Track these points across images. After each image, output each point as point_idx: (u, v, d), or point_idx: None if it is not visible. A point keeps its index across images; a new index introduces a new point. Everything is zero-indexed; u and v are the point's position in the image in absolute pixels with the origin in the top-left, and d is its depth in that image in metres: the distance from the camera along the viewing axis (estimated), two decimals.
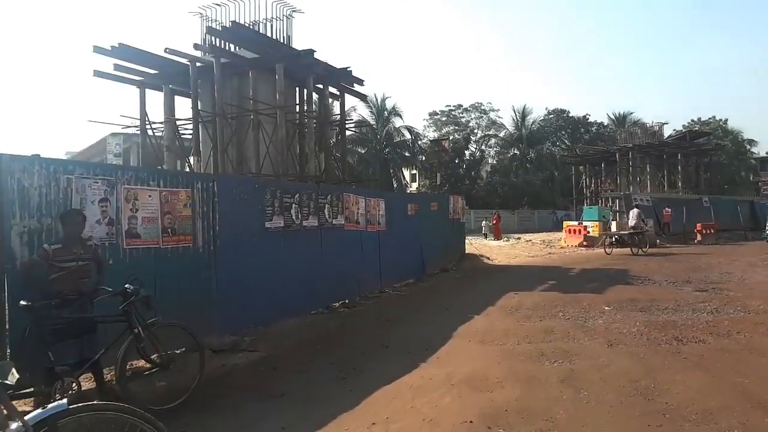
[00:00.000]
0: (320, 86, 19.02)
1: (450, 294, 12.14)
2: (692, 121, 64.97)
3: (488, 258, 19.96)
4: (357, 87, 20.34)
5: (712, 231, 29.64)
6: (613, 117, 63.41)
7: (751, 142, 64.74)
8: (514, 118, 56.25)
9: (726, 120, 64.47)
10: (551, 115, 60.29)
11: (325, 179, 17.84)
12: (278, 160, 16.23)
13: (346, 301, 10.61)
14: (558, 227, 48.34)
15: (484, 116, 55.49)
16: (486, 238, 33.51)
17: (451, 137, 29.08)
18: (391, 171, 49.12)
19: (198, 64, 17.74)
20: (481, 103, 55.82)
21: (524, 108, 55.85)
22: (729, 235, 31.18)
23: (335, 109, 21.56)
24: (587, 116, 62.39)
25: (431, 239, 14.98)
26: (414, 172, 56.38)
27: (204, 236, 7.26)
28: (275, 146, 16.39)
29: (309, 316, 9.36)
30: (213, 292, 7.35)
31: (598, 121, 63.53)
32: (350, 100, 24.44)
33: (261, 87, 17.00)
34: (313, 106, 18.01)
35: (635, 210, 24.01)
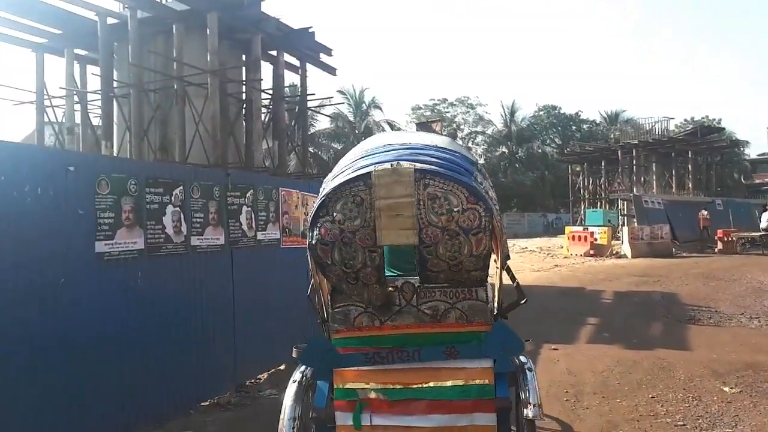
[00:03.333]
0: (273, 53, 14.82)
1: None
2: (685, 120, 61.97)
3: None
4: (324, 58, 16.19)
5: (733, 238, 26.03)
6: (605, 115, 60.19)
7: (743, 143, 61.77)
8: (503, 114, 52.48)
9: (720, 120, 61.70)
10: (542, 112, 56.70)
11: (279, 172, 13.64)
12: (211, 146, 11.98)
13: (282, 368, 6.45)
14: (549, 231, 44.87)
15: (471, 111, 51.68)
16: None
17: (442, 120, 25.04)
18: None
19: (111, 19, 13.44)
20: (468, 97, 52.00)
21: (513, 103, 52.12)
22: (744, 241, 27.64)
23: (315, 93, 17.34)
24: (579, 113, 59.02)
25: None
26: None
27: None
28: (206, 126, 12.14)
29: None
30: None
31: (590, 118, 60.25)
32: (316, 76, 20.26)
33: (191, 50, 12.75)
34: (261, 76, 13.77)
35: (767, 213, 24.85)
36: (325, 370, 2.91)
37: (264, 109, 15.32)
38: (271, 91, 14.93)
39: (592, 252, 23.88)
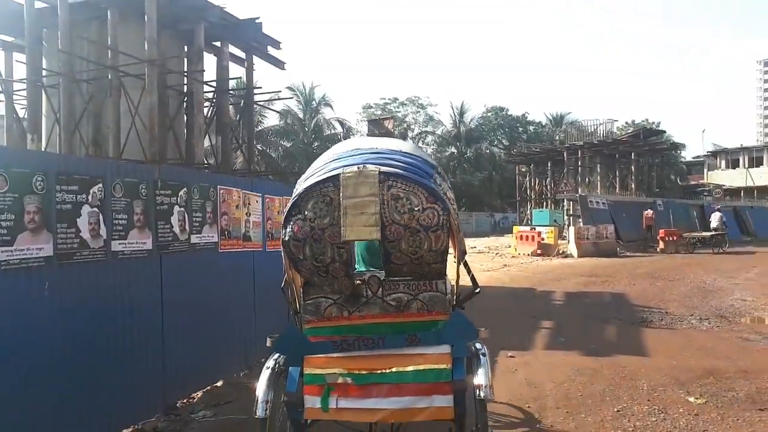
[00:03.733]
0: (217, 44, 14.07)
1: None
2: (626, 123, 63.85)
3: None
4: (272, 51, 15.53)
5: (675, 238, 26.77)
6: (550, 117, 61.47)
7: (682, 145, 64.31)
8: (452, 114, 52.77)
9: (659, 123, 63.91)
10: (490, 113, 57.32)
11: (222, 170, 12.92)
12: (148, 140, 11.18)
13: (219, 384, 5.87)
14: (497, 231, 45.32)
15: (422, 111, 51.69)
16: None
17: (393, 117, 24.35)
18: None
19: (39, 3, 12.42)
20: (419, 97, 52.04)
21: (462, 104, 52.48)
22: (684, 241, 28.45)
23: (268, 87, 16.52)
24: (526, 114, 60.01)
25: None
26: None
27: None
28: (143, 120, 11.33)
29: None
30: None
31: (536, 120, 61.36)
32: (264, 70, 19.37)
33: (128, 38, 11.91)
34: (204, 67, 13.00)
35: (717, 213, 26.94)
36: (296, 358, 3.10)
37: (207, 103, 14.55)
38: (214, 84, 14.17)
39: (539, 251, 24.04)
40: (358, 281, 3.20)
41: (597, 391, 5.39)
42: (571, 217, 29.88)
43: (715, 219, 26.71)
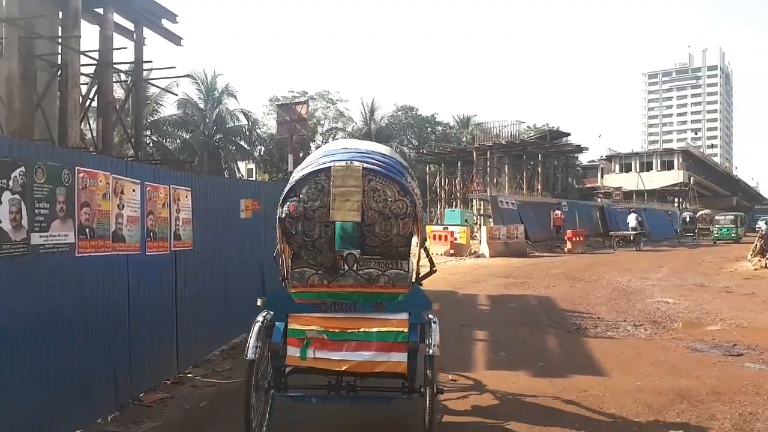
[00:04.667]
0: (100, 11, 12.04)
1: None
2: (528, 127, 65.89)
3: None
4: (168, 25, 13.65)
5: (581, 238, 27.31)
6: (457, 118, 62.14)
7: (585, 148, 67.25)
8: (363, 111, 51.69)
9: (558, 127, 66.42)
10: (400, 112, 56.85)
11: (104, 153, 10.95)
12: (5, 116, 9.12)
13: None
14: None
15: (332, 106, 50.18)
16: None
17: (306, 102, 22.34)
18: (224, 163, 41.68)
19: None
20: (329, 92, 50.41)
21: (373, 101, 51.56)
22: (588, 241, 29.20)
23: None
24: (435, 115, 60.20)
25: None
26: (251, 166, 49.24)
27: None
28: (2, 92, 9.25)
29: None
30: None
31: (445, 121, 61.74)
32: (158, 49, 17.23)
33: None
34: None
35: (634, 214, 28.94)
36: (282, 315, 3.93)
37: (87, 79, 12.46)
38: (96, 57, 12.11)
39: (452, 251, 23.54)
40: (337, 257, 3.91)
41: (568, 426, 4.40)
42: (483, 217, 29.82)
43: (632, 220, 28.34)
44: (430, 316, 4.04)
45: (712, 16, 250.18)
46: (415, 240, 4.05)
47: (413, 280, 4.12)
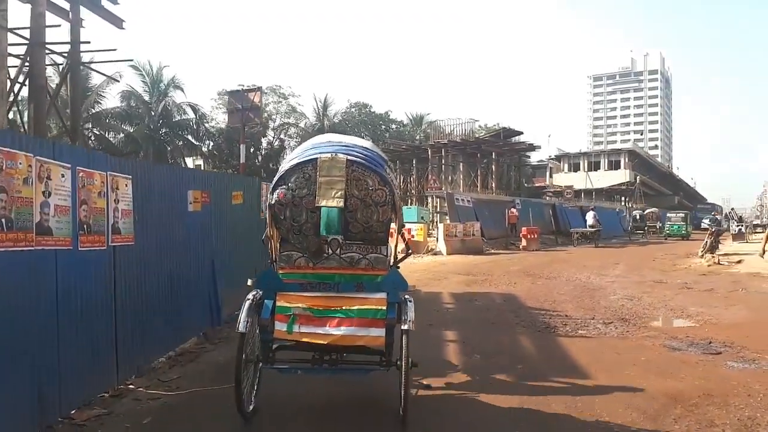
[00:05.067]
0: None
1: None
2: (479, 127, 66.40)
3: None
4: (108, 6, 12.68)
5: (536, 235, 27.43)
6: (411, 117, 62.02)
7: (538, 147, 68.22)
8: (316, 107, 50.72)
9: (508, 127, 67.15)
10: (353, 108, 56.24)
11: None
12: None
13: None
14: None
15: (284, 101, 48.95)
16: None
17: (259, 90, 20.82)
18: (170, 158, 40.00)
19: None
20: (280, 86, 49.13)
21: (326, 97, 50.66)
22: (541, 239, 29.39)
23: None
24: (389, 113, 59.87)
25: (233, 255, 8.38)
26: (199, 162, 47.53)
27: None
28: None
29: None
30: None
31: (398, 119, 61.50)
32: (97, 28, 16.12)
33: None
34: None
35: (592, 212, 30.49)
36: (271, 294, 4.27)
37: (17, 61, 11.38)
38: (27, 36, 11.05)
39: (410, 251, 23.15)
40: (322, 241, 4.34)
41: None
42: (439, 215, 29.60)
43: (590, 217, 29.91)
44: (406, 296, 4.41)
45: (653, 22, 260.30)
46: (393, 226, 4.52)
47: (391, 263, 4.52)
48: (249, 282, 4.54)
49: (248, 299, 4.23)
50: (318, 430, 4.31)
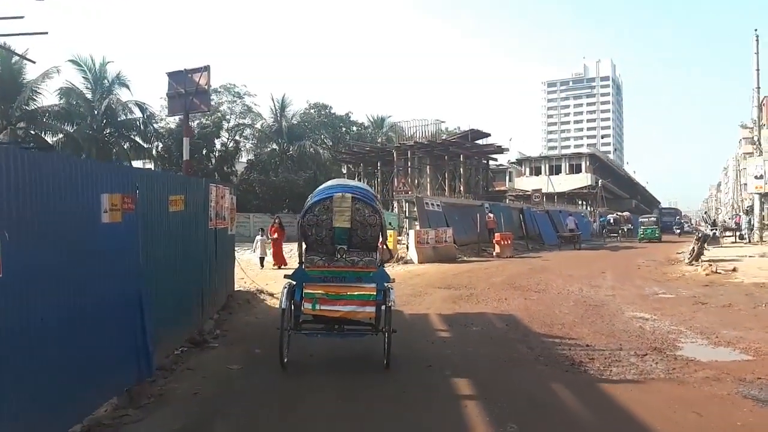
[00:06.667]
0: None
1: None
2: (441, 131, 65.17)
3: (273, 295, 11.82)
4: None
5: (509, 241, 25.99)
6: (372, 119, 60.33)
7: (507, 150, 67.40)
8: (273, 108, 48.26)
9: (476, 129, 66.01)
10: (312, 110, 54.04)
11: None
12: None
13: None
14: None
15: (239, 101, 46.42)
16: (261, 260, 19.01)
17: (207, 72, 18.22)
18: (116, 161, 37.02)
19: None
20: (235, 85, 46.60)
21: (284, 98, 48.30)
22: (513, 245, 28.02)
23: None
24: (350, 114, 57.95)
25: (171, 277, 6.38)
26: (149, 165, 44.52)
27: None
28: None
29: None
30: None
31: (359, 121, 59.65)
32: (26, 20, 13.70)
33: None
34: None
35: (571, 217, 32.98)
36: (300, 284, 6.57)
37: None
38: None
39: (391, 255, 21.34)
40: (335, 249, 6.80)
41: None
42: (408, 220, 27.89)
43: (570, 222, 32.24)
44: (389, 285, 6.73)
45: (604, 29, 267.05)
46: (380, 239, 7.06)
47: (379, 264, 6.99)
48: (284, 277, 6.90)
49: (285, 287, 6.47)
50: (328, 374, 6.48)
